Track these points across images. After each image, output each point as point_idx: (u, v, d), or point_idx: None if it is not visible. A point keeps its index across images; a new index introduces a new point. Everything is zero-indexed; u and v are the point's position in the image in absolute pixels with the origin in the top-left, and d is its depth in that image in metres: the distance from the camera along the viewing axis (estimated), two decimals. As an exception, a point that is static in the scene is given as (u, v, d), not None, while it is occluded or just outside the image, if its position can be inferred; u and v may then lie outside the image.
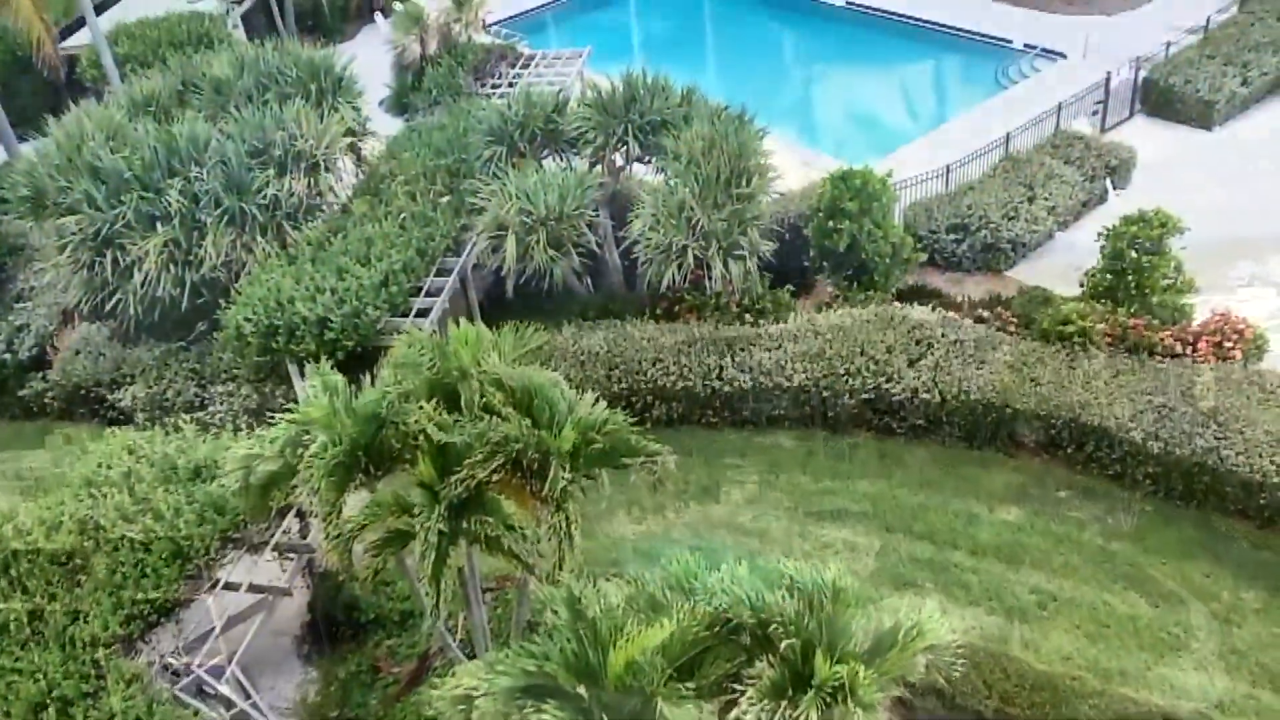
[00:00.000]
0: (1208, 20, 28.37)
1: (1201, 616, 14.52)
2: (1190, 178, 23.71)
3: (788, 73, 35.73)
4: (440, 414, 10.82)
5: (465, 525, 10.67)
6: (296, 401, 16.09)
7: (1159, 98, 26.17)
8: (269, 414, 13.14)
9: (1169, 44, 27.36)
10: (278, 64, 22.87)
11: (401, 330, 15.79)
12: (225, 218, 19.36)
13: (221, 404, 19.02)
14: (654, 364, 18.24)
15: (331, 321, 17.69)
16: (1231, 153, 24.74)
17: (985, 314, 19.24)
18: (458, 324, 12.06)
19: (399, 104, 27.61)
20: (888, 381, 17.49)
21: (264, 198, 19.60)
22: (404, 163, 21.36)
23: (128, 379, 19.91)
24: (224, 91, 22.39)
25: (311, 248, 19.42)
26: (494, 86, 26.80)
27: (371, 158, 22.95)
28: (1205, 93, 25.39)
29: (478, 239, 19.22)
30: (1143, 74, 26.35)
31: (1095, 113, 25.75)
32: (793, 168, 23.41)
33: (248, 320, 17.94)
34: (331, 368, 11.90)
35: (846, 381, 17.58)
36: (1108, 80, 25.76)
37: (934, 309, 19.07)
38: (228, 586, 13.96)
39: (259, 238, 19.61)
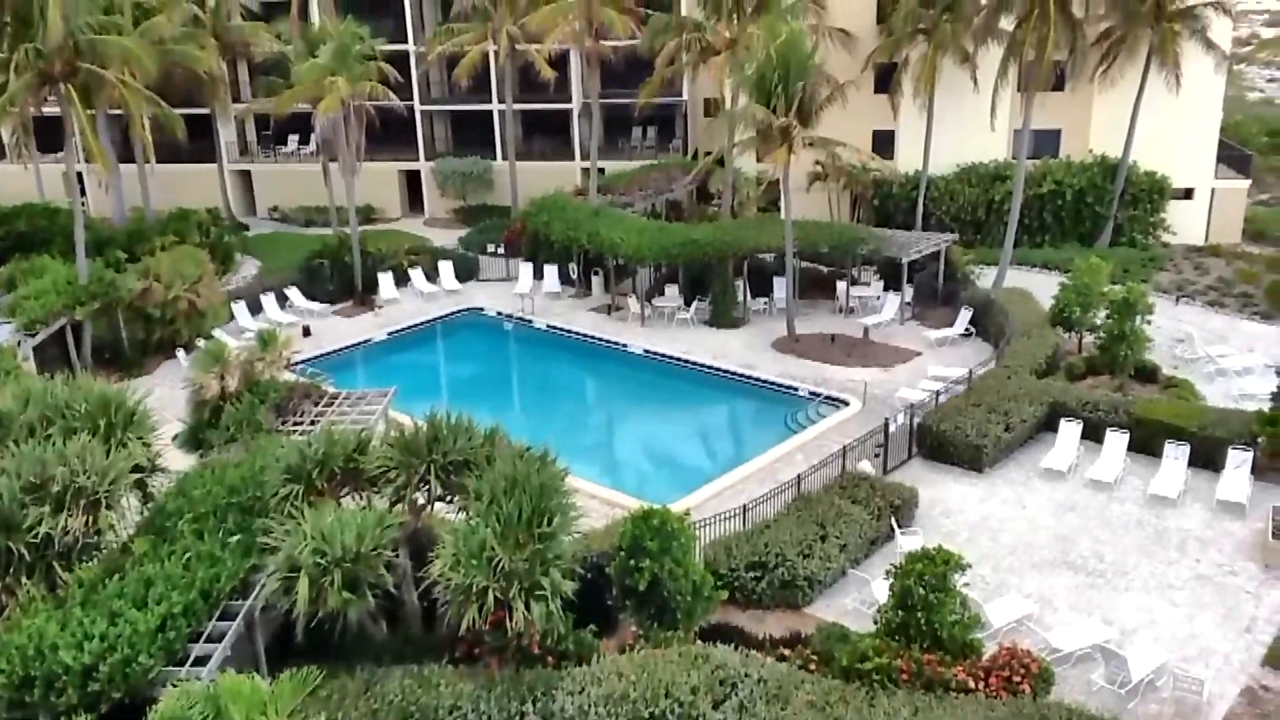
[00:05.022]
0: (970, 373, 31.35)
1: None
2: (967, 516, 25.31)
3: (590, 414, 37.03)
4: (209, 776, 9.93)
5: None
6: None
7: (933, 442, 28.21)
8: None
9: (938, 393, 29.87)
10: (67, 397, 22.17)
11: (176, 680, 14.65)
12: (-12, 558, 18.03)
13: (-45, 772, 16.90)
14: (451, 711, 17.35)
15: (98, 671, 16.26)
16: (1001, 493, 26.57)
17: (787, 652, 19.37)
18: (240, 671, 11.31)
19: (194, 440, 26.94)
20: (693, 725, 17.09)
21: (35, 536, 18.42)
22: (194, 500, 20.59)
23: None
24: (4, 424, 21.42)
25: (83, 590, 18.12)
26: (296, 424, 26.59)
27: (160, 495, 22.07)
28: (974, 438, 27.51)
29: (268, 580, 18.38)
30: (917, 420, 28.48)
31: (877, 455, 27.47)
32: (595, 506, 23.74)
33: (1, 671, 16.34)
34: (91, 725, 10.85)
35: (650, 726, 17.09)
36: (886, 426, 27.70)
37: (736, 648, 19.06)
38: None
39: (25, 579, 18.25)
